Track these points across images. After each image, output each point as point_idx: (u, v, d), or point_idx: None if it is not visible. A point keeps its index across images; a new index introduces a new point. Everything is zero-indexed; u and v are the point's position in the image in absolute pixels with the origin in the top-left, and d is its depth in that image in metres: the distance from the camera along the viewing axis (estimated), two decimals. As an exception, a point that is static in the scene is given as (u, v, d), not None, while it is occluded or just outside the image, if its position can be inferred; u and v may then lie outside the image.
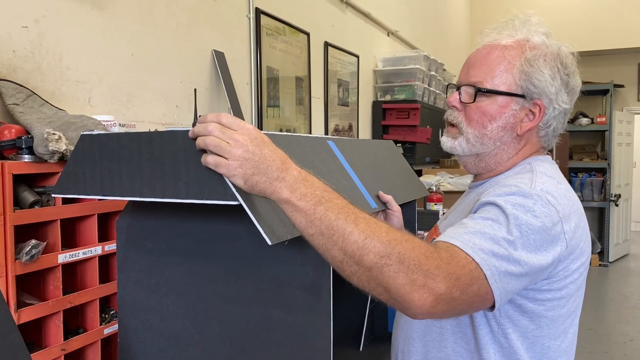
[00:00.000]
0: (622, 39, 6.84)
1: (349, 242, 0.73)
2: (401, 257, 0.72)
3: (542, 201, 0.87)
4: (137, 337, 1.08)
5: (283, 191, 0.74)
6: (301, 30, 3.13)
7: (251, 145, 0.73)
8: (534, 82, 0.97)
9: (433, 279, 0.73)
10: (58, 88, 1.66)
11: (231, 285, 0.96)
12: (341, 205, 0.75)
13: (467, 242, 0.80)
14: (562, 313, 0.94)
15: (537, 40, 0.99)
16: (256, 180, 0.74)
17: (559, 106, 0.98)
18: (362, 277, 0.74)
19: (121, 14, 1.89)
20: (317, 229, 0.74)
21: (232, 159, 0.73)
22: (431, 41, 5.85)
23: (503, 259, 0.81)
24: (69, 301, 1.34)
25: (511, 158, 1.03)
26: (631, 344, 4.05)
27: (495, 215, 0.85)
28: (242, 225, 0.95)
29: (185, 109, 2.20)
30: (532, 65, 0.97)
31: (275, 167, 0.74)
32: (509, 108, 0.99)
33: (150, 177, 0.81)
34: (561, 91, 0.98)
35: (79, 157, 0.87)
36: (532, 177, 0.93)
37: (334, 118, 3.63)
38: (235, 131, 0.74)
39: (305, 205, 0.74)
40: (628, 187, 7.31)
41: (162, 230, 1.03)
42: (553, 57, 0.98)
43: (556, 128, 1.02)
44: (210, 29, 2.37)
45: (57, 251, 1.31)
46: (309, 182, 0.75)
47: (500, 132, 1.00)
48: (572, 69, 1.00)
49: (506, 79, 0.98)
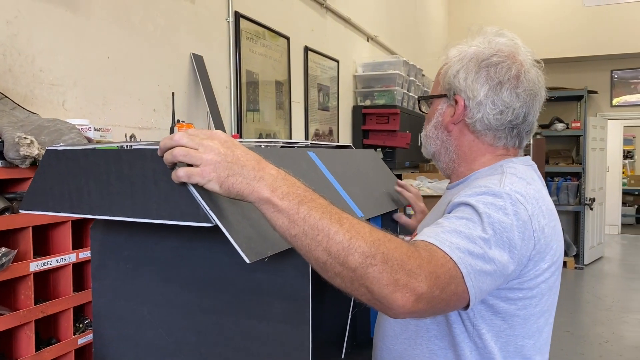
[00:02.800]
0: (595, 47, 7.01)
1: (334, 242, 0.72)
2: (385, 257, 0.72)
3: (511, 199, 0.89)
4: (112, 347, 1.05)
5: (263, 190, 0.72)
6: (281, 35, 3.12)
7: (222, 148, 0.71)
8: (447, 80, 1.07)
9: (415, 278, 0.73)
10: (30, 91, 1.61)
11: (208, 295, 0.95)
12: (324, 204, 0.74)
13: (444, 240, 0.81)
14: (534, 312, 0.96)
15: (467, 46, 1.07)
16: (232, 182, 0.71)
17: (473, 97, 1.03)
18: (345, 278, 0.73)
19: (97, 16, 1.86)
20: (301, 229, 0.72)
21: (203, 164, 0.70)
22: (410, 47, 5.89)
23: (479, 257, 0.82)
24: (41, 311, 1.30)
25: (465, 156, 1.08)
26: (606, 345, 4.12)
27: (469, 215, 0.87)
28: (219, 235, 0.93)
29: (163, 113, 2.17)
30: (450, 68, 1.07)
31: (251, 166, 0.72)
32: (437, 108, 1.10)
33: (119, 195, 0.78)
34: (476, 83, 1.03)
35: (46, 173, 0.84)
36: (501, 178, 0.96)
37: (314, 123, 3.62)
38: (204, 137, 0.72)
39: (287, 205, 0.72)
40: (602, 191, 7.47)
41: (138, 238, 1.01)
42: (471, 57, 1.05)
43: (485, 119, 1.03)
44: (188, 32, 2.35)
45: (29, 259, 1.27)
46: (290, 181, 0.74)
47: (435, 130, 1.11)
48: (494, 61, 1.03)
49: (437, 84, 1.12)
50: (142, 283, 1.01)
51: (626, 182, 10.79)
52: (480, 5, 7.61)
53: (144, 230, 1.00)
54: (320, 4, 3.68)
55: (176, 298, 0.98)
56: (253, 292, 0.91)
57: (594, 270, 6.69)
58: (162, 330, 0.99)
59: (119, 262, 1.03)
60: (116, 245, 1.03)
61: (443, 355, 0.97)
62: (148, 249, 1.00)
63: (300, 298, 0.87)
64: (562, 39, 6.94)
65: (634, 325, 4.59)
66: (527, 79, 1.03)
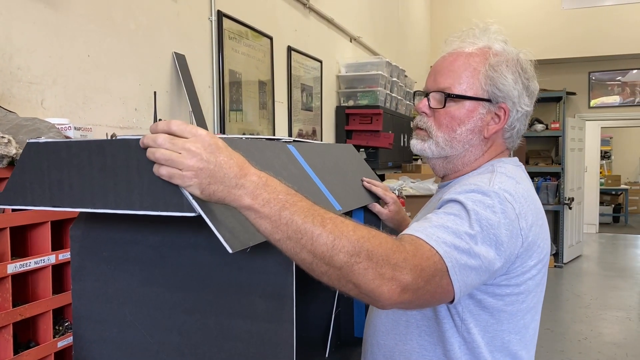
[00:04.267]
0: (573, 49, 7.13)
1: (318, 244, 0.73)
2: (370, 253, 0.73)
3: (499, 198, 0.90)
4: (93, 349, 1.04)
5: (244, 199, 0.72)
6: (264, 34, 3.11)
7: (205, 153, 0.70)
8: (499, 87, 1.02)
9: (400, 271, 0.75)
10: (8, 89, 1.58)
11: (190, 295, 0.94)
12: (306, 207, 0.74)
13: (431, 235, 0.82)
14: (521, 308, 0.97)
15: (498, 47, 1.05)
16: (213, 190, 0.71)
17: (521, 109, 1.04)
18: (332, 276, 0.75)
19: (77, 13, 1.83)
20: (284, 234, 0.73)
21: (185, 169, 0.70)
22: (393, 47, 5.93)
23: (464, 252, 0.83)
24: (20, 313, 1.28)
25: (477, 159, 1.07)
26: (585, 342, 4.20)
27: (457, 211, 0.88)
28: (201, 233, 0.93)
29: (145, 112, 2.15)
30: (496, 71, 1.02)
31: (233, 174, 0.72)
32: (476, 112, 1.03)
33: (102, 188, 0.77)
34: (523, 94, 1.03)
35: (26, 166, 0.83)
36: (491, 177, 0.96)
37: (297, 123, 3.62)
38: (187, 139, 0.71)
39: (269, 212, 0.72)
40: (580, 190, 7.60)
41: (118, 238, 0.99)
42: (514, 63, 1.03)
43: (519, 129, 1.07)
44: (170, 31, 2.32)
45: (7, 261, 1.24)
46: (271, 187, 0.73)
47: (469, 135, 1.04)
48: (531, 74, 1.06)
49: (472, 84, 1.03)
50: (123, 284, 1.00)
51: (603, 182, 11.01)
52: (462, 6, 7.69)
53: (125, 230, 0.99)
54: (304, 4, 3.68)
55: (158, 298, 0.97)
56: (236, 291, 0.90)
57: (573, 268, 6.80)
58: (144, 331, 0.98)
59: (99, 263, 1.02)
60: (96, 246, 1.02)
61: (432, 349, 0.99)
62: (129, 249, 0.99)
63: (284, 296, 0.87)
64: (541, 40, 7.05)
65: (611, 322, 4.68)
66: (535, 86, 1.07)
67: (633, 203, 12.08)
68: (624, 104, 7.69)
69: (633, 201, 12.08)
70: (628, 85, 7.65)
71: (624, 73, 7.64)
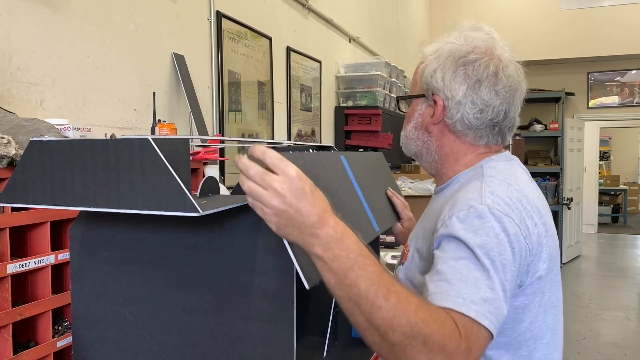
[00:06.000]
0: (572, 49, 7.14)
1: (376, 316, 0.73)
2: (426, 339, 0.72)
3: (494, 217, 0.87)
4: (92, 350, 1.04)
5: (315, 248, 0.74)
6: (263, 35, 3.11)
7: (289, 196, 0.72)
8: (424, 80, 1.06)
9: (452, 359, 0.74)
10: (7, 90, 1.58)
11: (191, 295, 0.94)
12: (374, 274, 0.74)
13: (460, 302, 0.79)
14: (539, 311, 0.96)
15: (442, 43, 1.06)
16: (289, 232, 0.74)
17: (452, 96, 1.02)
18: (382, 348, 0.75)
19: (76, 14, 1.83)
20: (346, 293, 0.74)
21: (268, 207, 0.73)
22: (392, 48, 5.93)
23: (489, 300, 0.81)
24: (19, 313, 1.28)
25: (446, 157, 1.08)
26: (584, 342, 4.20)
27: (463, 254, 0.84)
28: (201, 233, 0.93)
29: (144, 112, 2.15)
30: (427, 67, 1.06)
31: (310, 223, 0.73)
32: (416, 109, 1.10)
33: (104, 187, 0.78)
34: (453, 83, 1.01)
35: (28, 164, 0.83)
36: (481, 187, 0.93)
37: (296, 123, 3.62)
38: (277, 177, 0.73)
39: (337, 268, 0.73)
40: (579, 191, 7.61)
41: (118, 238, 1.00)
42: (447, 55, 1.03)
43: (465, 119, 1.02)
44: (169, 31, 2.33)
45: (6, 261, 1.25)
46: (344, 244, 0.74)
47: (415, 131, 1.10)
48: (471, 58, 1.01)
49: (413, 84, 1.12)
50: (123, 284, 1.00)
51: (602, 182, 11.02)
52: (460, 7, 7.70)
53: (125, 231, 0.99)
54: (303, 4, 3.68)
55: (158, 298, 0.97)
56: (236, 292, 0.91)
57: (572, 268, 6.81)
58: (144, 331, 0.98)
59: (99, 263, 1.02)
60: (96, 246, 1.02)
61: None
62: (129, 250, 0.99)
63: (284, 297, 0.87)
64: (540, 41, 7.06)
65: (610, 322, 4.69)
66: (506, 75, 1.01)
67: (632, 203, 12.10)
68: (622, 105, 7.71)
69: (632, 201, 12.10)
70: (627, 86, 7.66)
71: (623, 73, 7.65)
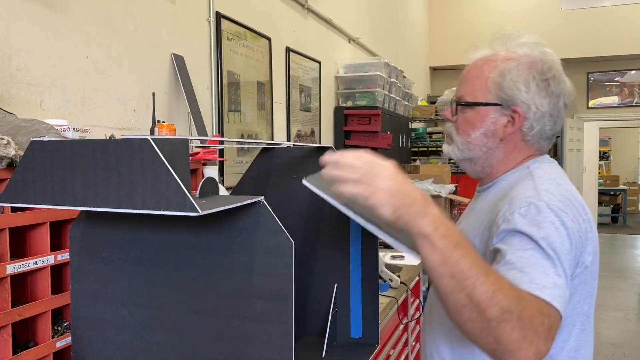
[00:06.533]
0: (571, 49, 7.15)
1: (479, 291, 0.77)
2: (521, 314, 0.78)
3: (553, 212, 0.93)
4: (91, 350, 1.04)
5: (426, 227, 0.79)
6: (262, 35, 3.11)
7: (399, 179, 0.80)
8: (506, 91, 1.06)
9: (538, 336, 0.79)
10: (7, 91, 1.59)
11: (190, 295, 0.94)
12: (474, 253, 0.81)
13: (537, 286, 0.85)
14: (578, 300, 1.03)
15: (515, 52, 1.08)
16: (403, 212, 0.79)
17: (538, 110, 1.07)
18: (477, 325, 0.79)
19: (76, 14, 1.84)
20: (449, 270, 0.79)
21: (379, 192, 0.79)
22: (391, 48, 5.94)
23: (560, 286, 0.86)
24: (19, 313, 1.28)
25: (502, 161, 1.12)
26: (583, 342, 4.20)
27: (528, 245, 0.90)
28: (201, 234, 0.93)
29: (143, 113, 2.15)
30: (504, 76, 1.06)
31: (419, 202, 0.80)
32: (488, 117, 1.09)
33: (105, 187, 0.78)
34: (537, 96, 1.06)
35: (29, 164, 0.83)
36: (534, 186, 0.99)
37: (296, 123, 3.62)
38: (377, 167, 0.80)
39: (444, 245, 0.79)
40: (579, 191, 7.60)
41: (118, 238, 1.00)
42: (527, 66, 1.06)
43: (543, 130, 1.09)
44: (169, 32, 2.33)
45: (6, 261, 1.25)
46: (449, 224, 0.81)
47: (484, 138, 1.10)
48: (552, 74, 1.08)
49: (483, 91, 1.09)
50: (122, 284, 1.00)
51: (602, 182, 11.03)
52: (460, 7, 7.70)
53: (124, 231, 1.00)
54: (302, 5, 3.68)
55: (158, 299, 0.97)
56: (236, 292, 0.91)
57: (571, 268, 6.80)
58: (144, 331, 0.98)
59: (98, 264, 1.02)
60: (96, 247, 1.02)
61: None
62: (128, 250, 0.99)
63: (283, 298, 0.88)
64: (540, 41, 7.05)
65: (610, 322, 4.69)
66: (559, 87, 1.09)
67: (632, 203, 12.10)
68: (622, 105, 7.71)
69: (632, 201, 12.11)
70: (626, 86, 7.67)
71: (623, 74, 7.66)
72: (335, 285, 1.31)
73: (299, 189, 1.08)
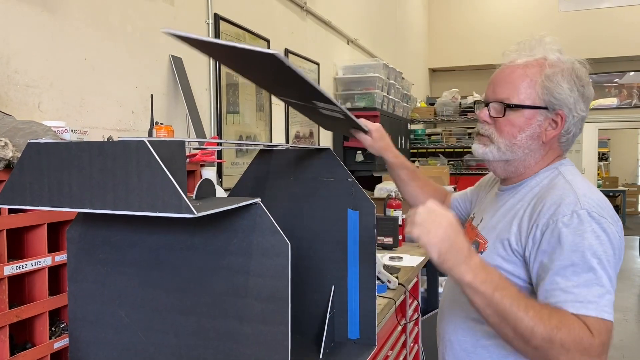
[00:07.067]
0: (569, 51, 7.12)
1: (520, 327, 0.90)
2: (562, 342, 0.89)
3: (595, 221, 0.98)
4: (89, 351, 1.04)
5: (467, 275, 0.92)
6: (261, 37, 3.12)
7: (449, 230, 0.92)
8: (555, 95, 1.11)
9: (588, 355, 0.89)
10: (5, 93, 1.59)
11: (187, 297, 0.94)
12: (513, 292, 0.92)
13: (581, 303, 0.92)
14: None
15: (553, 58, 1.14)
16: (447, 258, 0.92)
17: (577, 114, 1.13)
18: (528, 351, 0.92)
19: (74, 16, 1.84)
20: (493, 310, 0.92)
21: (433, 236, 0.92)
22: (390, 50, 5.94)
23: (604, 294, 0.93)
24: (16, 315, 1.28)
25: (538, 162, 1.16)
26: (582, 343, 4.20)
27: (572, 257, 0.96)
28: (198, 235, 0.93)
29: (142, 115, 2.15)
30: (552, 81, 1.11)
31: (463, 253, 0.92)
32: (534, 119, 1.12)
33: (101, 188, 0.78)
34: (579, 101, 1.12)
35: (25, 166, 0.83)
36: (572, 190, 1.03)
37: (294, 125, 3.63)
38: (438, 216, 0.93)
39: (484, 290, 0.91)
40: (578, 192, 7.61)
41: (115, 240, 1.00)
42: (569, 72, 1.12)
43: (575, 133, 1.15)
44: (167, 33, 2.33)
45: (3, 263, 1.25)
46: (488, 270, 0.93)
47: (529, 140, 1.13)
48: (586, 80, 1.15)
49: (530, 94, 1.12)
50: (119, 286, 1.00)
51: (601, 183, 11.03)
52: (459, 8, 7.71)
53: (121, 232, 1.00)
54: (301, 6, 3.69)
55: (155, 300, 0.97)
56: (232, 293, 0.91)
57: (570, 270, 6.80)
58: (141, 333, 0.99)
59: (95, 265, 1.02)
60: (93, 248, 1.02)
61: None
62: (125, 251, 0.99)
63: (279, 299, 0.88)
64: (539, 43, 7.06)
65: (608, 323, 4.68)
66: (590, 92, 1.16)
67: (631, 205, 12.11)
68: (621, 106, 7.72)
69: (631, 203, 12.11)
70: (625, 88, 7.68)
71: (621, 75, 7.67)
72: (332, 286, 1.31)
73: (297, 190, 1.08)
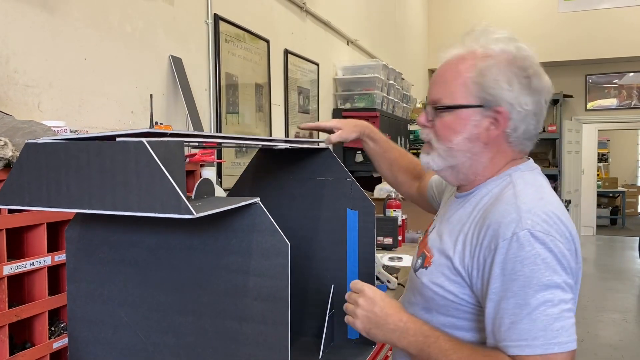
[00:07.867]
0: (569, 52, 7.16)
1: None
2: None
3: (538, 240, 0.88)
4: (88, 351, 1.04)
5: (394, 341, 1.00)
6: (261, 37, 3.12)
7: (376, 308, 1.01)
8: (490, 91, 0.98)
9: None
10: (5, 92, 1.59)
11: (186, 297, 0.94)
12: (440, 346, 0.95)
13: (527, 343, 0.87)
14: None
15: (491, 49, 1.00)
16: (374, 333, 1.02)
17: (523, 109, 0.99)
18: None
19: (73, 16, 1.84)
20: None
21: (356, 316, 1.03)
22: (389, 50, 5.94)
23: (551, 323, 0.86)
24: (15, 314, 1.28)
25: (487, 167, 1.04)
26: (582, 344, 4.20)
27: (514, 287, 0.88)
28: (196, 235, 0.93)
29: (141, 115, 2.15)
30: (485, 75, 0.98)
31: (383, 322, 1.00)
32: (470, 120, 1.00)
33: (100, 189, 0.78)
34: (522, 94, 0.98)
35: (24, 166, 0.83)
36: (516, 205, 0.92)
37: (294, 125, 3.63)
38: (357, 295, 1.05)
39: (414, 350, 0.98)
40: (577, 193, 7.63)
41: (114, 240, 1.00)
42: (508, 63, 0.99)
43: (527, 130, 1.02)
44: (167, 34, 2.33)
45: (3, 262, 1.25)
46: (412, 330, 0.99)
47: (467, 143, 1.02)
48: (533, 71, 1.01)
49: (462, 92, 1.00)
50: (119, 285, 1.01)
51: (600, 184, 11.04)
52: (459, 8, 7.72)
53: (120, 232, 1.00)
54: (300, 7, 3.69)
55: (153, 300, 0.97)
56: (231, 293, 0.91)
57: (570, 270, 6.80)
58: (140, 332, 0.99)
59: (95, 265, 1.02)
60: (92, 248, 1.03)
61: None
62: (124, 251, 0.99)
63: (278, 299, 0.88)
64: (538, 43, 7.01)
65: (608, 324, 4.69)
66: (540, 83, 1.02)
67: (630, 205, 12.11)
68: (620, 107, 7.73)
69: (630, 203, 12.11)
70: (625, 88, 7.68)
71: (621, 76, 7.68)
72: (332, 286, 1.31)
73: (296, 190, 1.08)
